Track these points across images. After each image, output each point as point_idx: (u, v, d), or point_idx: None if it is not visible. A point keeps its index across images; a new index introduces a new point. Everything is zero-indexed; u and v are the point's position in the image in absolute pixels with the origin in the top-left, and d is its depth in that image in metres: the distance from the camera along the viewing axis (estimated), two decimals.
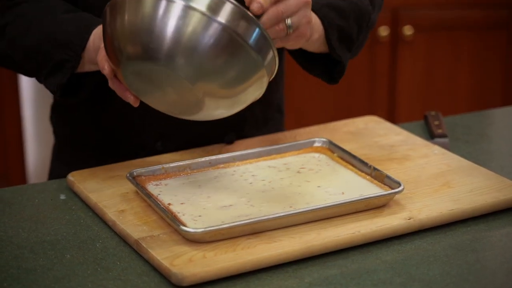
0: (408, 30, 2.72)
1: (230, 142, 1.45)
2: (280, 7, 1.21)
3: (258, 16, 1.19)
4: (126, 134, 1.48)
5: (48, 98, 2.64)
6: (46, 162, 2.66)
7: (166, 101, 1.22)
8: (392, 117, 2.79)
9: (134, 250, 1.16)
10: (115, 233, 1.20)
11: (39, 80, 1.39)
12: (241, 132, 1.50)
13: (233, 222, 1.15)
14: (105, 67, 1.23)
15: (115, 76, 1.24)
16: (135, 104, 1.25)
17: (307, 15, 1.26)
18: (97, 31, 1.31)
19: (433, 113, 1.59)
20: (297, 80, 2.61)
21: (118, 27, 1.16)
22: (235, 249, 1.12)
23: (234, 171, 1.33)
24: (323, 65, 1.42)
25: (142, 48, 1.14)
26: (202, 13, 1.12)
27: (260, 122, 1.54)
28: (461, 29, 2.77)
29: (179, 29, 1.12)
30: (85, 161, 1.41)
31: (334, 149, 1.38)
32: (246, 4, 1.20)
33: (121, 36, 1.16)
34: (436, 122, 1.55)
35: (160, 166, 1.30)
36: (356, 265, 1.14)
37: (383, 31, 2.72)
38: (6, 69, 1.49)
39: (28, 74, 1.42)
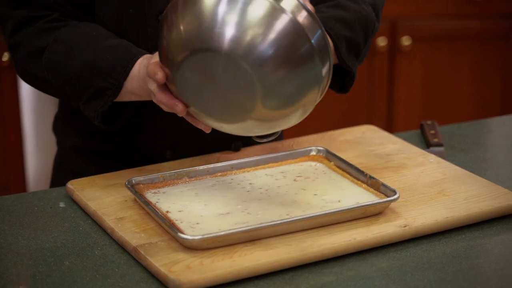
0: (406, 41, 2.74)
1: (237, 149, 1.47)
2: None
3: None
4: (136, 144, 1.49)
5: (49, 108, 2.66)
6: (46, 172, 2.67)
7: (216, 102, 1.19)
8: (390, 127, 2.80)
9: (132, 257, 1.17)
10: (114, 240, 1.22)
11: (77, 105, 1.39)
12: (248, 140, 1.51)
13: (230, 230, 1.16)
14: (158, 72, 1.22)
15: (164, 85, 1.24)
16: (182, 113, 1.23)
17: None
18: (142, 61, 1.32)
19: (429, 122, 1.60)
20: None
21: (183, 17, 1.16)
22: (232, 256, 1.14)
23: (232, 179, 1.34)
24: (333, 76, 1.43)
25: (208, 35, 1.13)
26: (270, 2, 1.13)
27: None
28: (459, 40, 2.78)
29: (246, 15, 1.12)
30: (91, 171, 1.42)
31: (331, 158, 1.39)
32: None
33: (187, 25, 1.15)
34: (432, 131, 1.56)
35: (158, 174, 1.32)
36: (352, 272, 1.15)
37: (381, 41, 2.74)
38: (44, 93, 1.47)
39: (67, 99, 1.43)
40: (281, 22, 1.14)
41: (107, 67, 1.33)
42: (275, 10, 1.13)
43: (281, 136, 1.63)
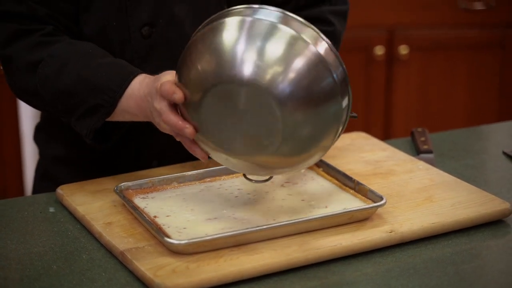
0: (403, 50, 2.75)
1: None
2: None
3: None
4: (122, 154, 1.49)
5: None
6: None
7: (234, 133, 1.17)
8: (387, 135, 2.81)
9: (120, 262, 1.18)
10: (102, 244, 1.22)
11: (69, 121, 1.37)
12: None
13: (216, 234, 1.17)
14: (177, 92, 1.19)
15: (174, 105, 1.23)
16: (191, 136, 1.20)
17: None
18: (144, 80, 1.30)
19: (419, 129, 1.61)
20: None
21: (204, 54, 1.16)
22: (217, 261, 1.14)
23: (220, 184, 1.35)
24: None
25: (233, 67, 1.13)
26: (295, 35, 1.13)
27: None
28: (456, 49, 2.79)
29: (271, 46, 1.13)
30: (75, 181, 1.39)
31: (320, 164, 1.40)
32: None
33: (214, 56, 1.15)
34: (422, 138, 1.57)
35: (147, 180, 1.33)
36: (336, 277, 1.16)
37: (379, 50, 2.75)
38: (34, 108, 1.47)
39: (59, 114, 1.40)
40: (306, 56, 1.14)
41: (101, 84, 1.31)
42: (298, 42, 1.13)
43: None
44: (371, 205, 1.25)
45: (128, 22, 1.40)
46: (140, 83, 1.30)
